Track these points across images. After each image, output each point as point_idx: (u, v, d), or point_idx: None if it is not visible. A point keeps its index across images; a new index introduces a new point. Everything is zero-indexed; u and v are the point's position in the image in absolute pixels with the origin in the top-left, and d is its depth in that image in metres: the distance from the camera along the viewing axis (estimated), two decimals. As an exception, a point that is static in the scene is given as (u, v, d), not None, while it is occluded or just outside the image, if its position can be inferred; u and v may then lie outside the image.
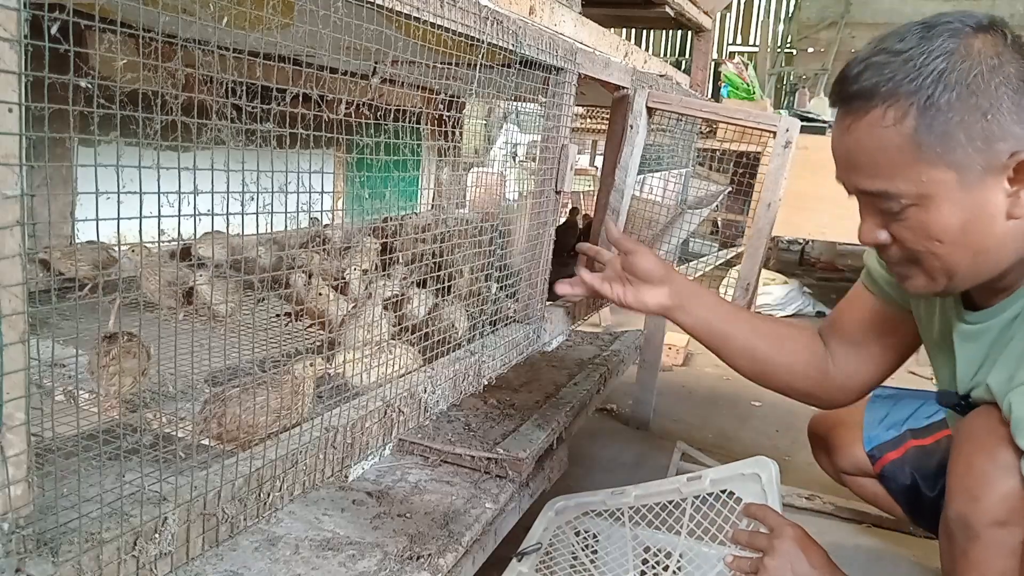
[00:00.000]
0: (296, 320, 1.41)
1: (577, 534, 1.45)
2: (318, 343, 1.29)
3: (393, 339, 1.22)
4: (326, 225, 1.96)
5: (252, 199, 0.73)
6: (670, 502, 1.35)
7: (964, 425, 1.07)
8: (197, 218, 0.66)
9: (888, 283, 1.29)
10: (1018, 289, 1.02)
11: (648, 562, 1.36)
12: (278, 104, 0.74)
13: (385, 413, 0.96)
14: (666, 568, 1.33)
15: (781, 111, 6.27)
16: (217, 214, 0.68)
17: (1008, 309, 1.03)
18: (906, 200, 0.94)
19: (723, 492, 1.29)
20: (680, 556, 1.33)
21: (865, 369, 1.35)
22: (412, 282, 1.43)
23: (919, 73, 0.90)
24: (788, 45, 10.60)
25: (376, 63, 0.87)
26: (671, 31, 10.23)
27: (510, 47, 1.08)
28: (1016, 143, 0.90)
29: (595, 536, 1.44)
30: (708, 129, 2.28)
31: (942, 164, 0.91)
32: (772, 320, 1.47)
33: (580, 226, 2.28)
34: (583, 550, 1.43)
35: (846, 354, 1.35)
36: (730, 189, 2.17)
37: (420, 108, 1.84)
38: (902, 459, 1.59)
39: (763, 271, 4.92)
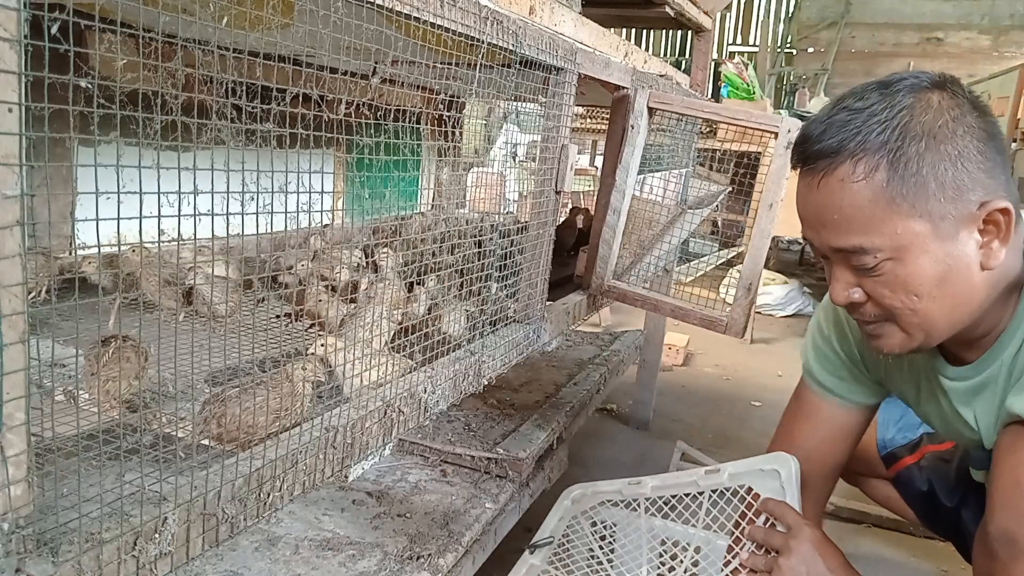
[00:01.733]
0: (296, 321, 1.41)
1: (593, 525, 1.44)
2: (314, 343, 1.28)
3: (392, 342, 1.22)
4: (325, 225, 1.96)
5: (252, 199, 0.73)
6: (687, 495, 1.34)
7: (1006, 438, 1.04)
8: (197, 218, 0.66)
9: (836, 383, 1.27)
10: (1003, 333, 1.02)
11: (664, 555, 1.36)
12: (278, 104, 0.74)
13: (385, 413, 0.96)
14: (681, 562, 1.32)
15: (781, 111, 6.27)
16: (217, 214, 0.68)
17: (1007, 348, 1.02)
18: (882, 254, 0.93)
19: (740, 487, 1.28)
20: (696, 551, 1.32)
21: (826, 483, 1.33)
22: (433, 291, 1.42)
23: (885, 126, 0.90)
24: (788, 45, 10.59)
25: (376, 63, 0.87)
26: (671, 31, 10.22)
27: (510, 47, 1.08)
28: (985, 193, 0.91)
29: (612, 527, 1.43)
30: (708, 129, 2.28)
31: (915, 215, 0.91)
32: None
33: (580, 226, 2.28)
34: (599, 541, 1.43)
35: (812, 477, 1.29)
36: (730, 189, 2.17)
37: (420, 108, 1.84)
38: (918, 465, 1.57)
39: (763, 271, 4.92)
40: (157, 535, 0.64)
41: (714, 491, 1.32)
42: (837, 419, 1.30)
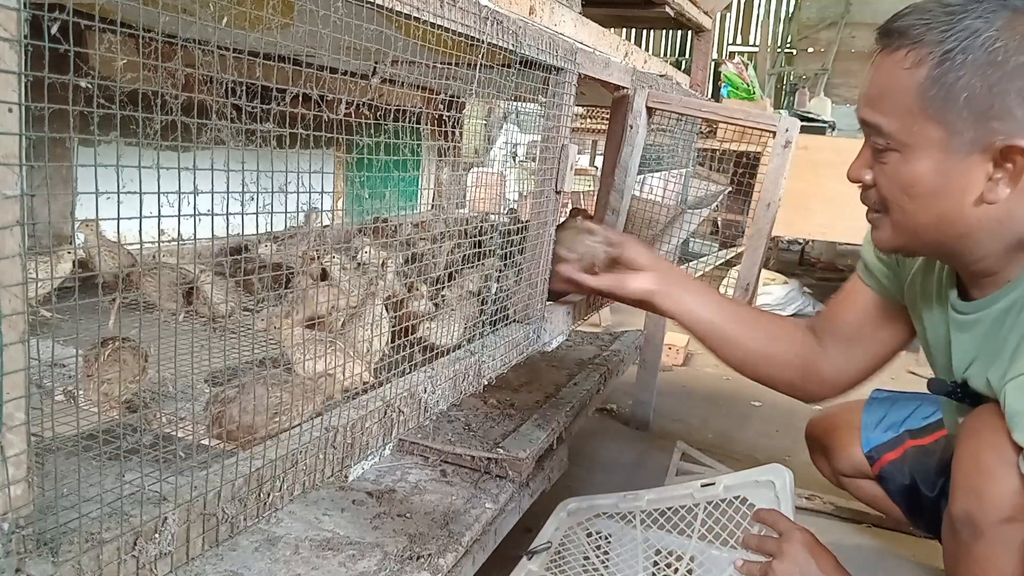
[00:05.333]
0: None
1: (588, 535, 1.45)
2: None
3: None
4: (326, 225, 1.96)
5: (252, 199, 0.73)
6: (682, 507, 1.35)
7: (969, 421, 1.07)
8: (197, 218, 0.66)
9: (885, 276, 1.30)
10: (1009, 281, 1.03)
11: (659, 564, 1.36)
12: (278, 104, 0.74)
13: (385, 413, 0.96)
14: (676, 571, 1.33)
15: (781, 111, 6.27)
16: (217, 214, 0.68)
17: (999, 301, 1.04)
18: (892, 142, 0.97)
19: (736, 498, 1.29)
20: (691, 559, 1.33)
21: (856, 364, 1.37)
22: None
23: (951, 27, 0.92)
24: (788, 45, 10.59)
25: (376, 63, 0.87)
26: (671, 31, 10.22)
27: (510, 47, 1.08)
28: (1012, 126, 0.91)
29: (607, 537, 1.44)
30: (708, 129, 2.28)
31: (935, 119, 0.93)
32: (759, 312, 1.48)
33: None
34: (594, 550, 1.43)
35: (838, 349, 1.36)
36: (730, 189, 2.17)
37: (420, 108, 1.84)
38: (901, 459, 1.59)
39: (763, 271, 4.92)
40: (157, 535, 0.64)
41: (709, 502, 1.33)
42: (874, 306, 1.34)
